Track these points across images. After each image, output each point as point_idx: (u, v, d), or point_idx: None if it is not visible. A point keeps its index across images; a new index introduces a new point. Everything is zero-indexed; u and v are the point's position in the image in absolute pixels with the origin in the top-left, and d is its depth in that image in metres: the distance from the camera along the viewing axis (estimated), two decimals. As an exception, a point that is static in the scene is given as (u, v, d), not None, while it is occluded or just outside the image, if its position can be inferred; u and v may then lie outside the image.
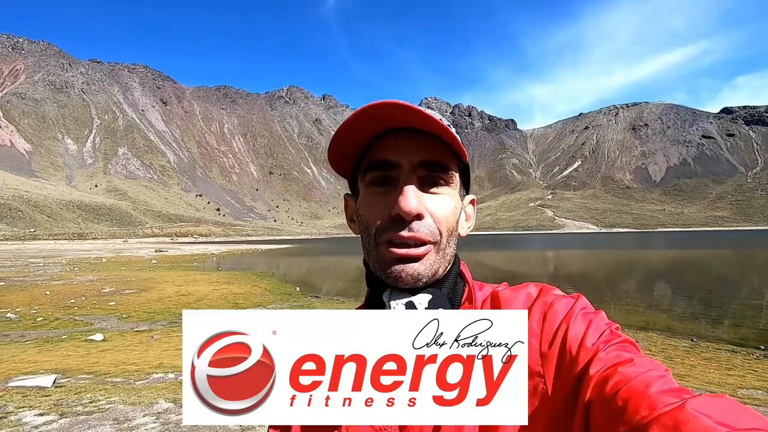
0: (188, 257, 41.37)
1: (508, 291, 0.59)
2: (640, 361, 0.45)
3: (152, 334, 8.67)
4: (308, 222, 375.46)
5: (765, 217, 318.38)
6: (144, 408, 4.11)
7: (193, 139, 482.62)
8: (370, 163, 0.56)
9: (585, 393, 0.45)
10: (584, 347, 0.48)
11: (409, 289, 0.54)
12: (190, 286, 16.95)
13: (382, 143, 0.56)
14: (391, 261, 0.53)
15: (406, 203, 0.51)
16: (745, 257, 35.02)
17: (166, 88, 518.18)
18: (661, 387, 0.41)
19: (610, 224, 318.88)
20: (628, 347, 0.49)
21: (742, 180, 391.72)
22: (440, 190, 0.56)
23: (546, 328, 0.52)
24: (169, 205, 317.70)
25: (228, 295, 14.66)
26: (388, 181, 0.55)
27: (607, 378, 0.44)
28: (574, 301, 0.55)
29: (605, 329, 0.51)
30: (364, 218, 0.57)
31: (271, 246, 78.18)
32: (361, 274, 8.59)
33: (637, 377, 0.42)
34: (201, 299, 13.62)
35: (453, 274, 0.59)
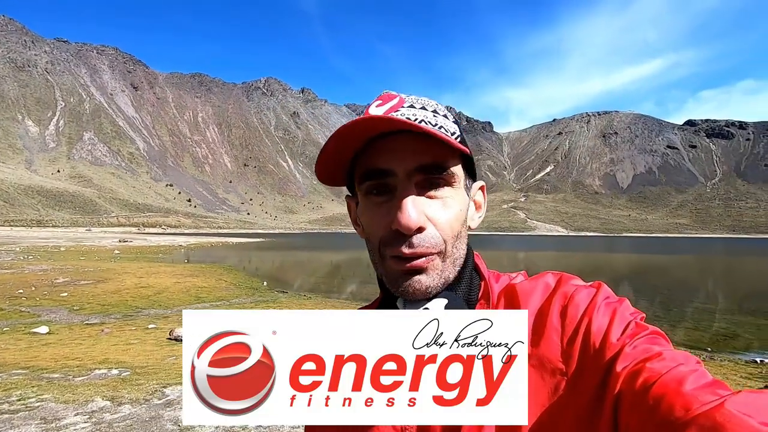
0: (154, 248, 39.94)
1: (526, 282, 0.57)
2: (669, 355, 0.42)
3: (103, 327, 8.21)
4: (282, 216, 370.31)
5: (721, 225, 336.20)
6: (77, 406, 3.85)
7: (165, 127, 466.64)
8: (363, 172, 0.53)
9: (612, 391, 0.43)
10: (609, 342, 0.46)
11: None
12: (151, 278, 16.27)
13: (375, 148, 0.52)
14: (399, 275, 0.51)
15: (405, 219, 0.49)
16: (702, 263, 36.76)
17: (137, 72, 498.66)
18: (695, 383, 0.38)
19: (578, 228, 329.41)
20: (657, 339, 0.46)
21: (702, 190, 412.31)
22: (442, 193, 0.52)
23: (567, 323, 0.49)
24: (137, 194, 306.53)
25: (191, 288, 14.15)
26: (386, 189, 0.52)
27: (636, 374, 0.41)
28: (596, 290, 0.52)
29: (631, 320, 0.48)
30: (366, 229, 0.56)
31: (243, 239, 76.63)
32: (333, 270, 8.45)
33: (669, 373, 0.40)
34: (161, 292, 13.08)
35: (468, 271, 0.56)
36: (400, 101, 0.54)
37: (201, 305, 11.38)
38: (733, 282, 23.03)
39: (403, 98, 0.55)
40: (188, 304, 11.36)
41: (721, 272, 28.88)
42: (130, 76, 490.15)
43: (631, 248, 67.84)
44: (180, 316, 9.66)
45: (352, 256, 38.61)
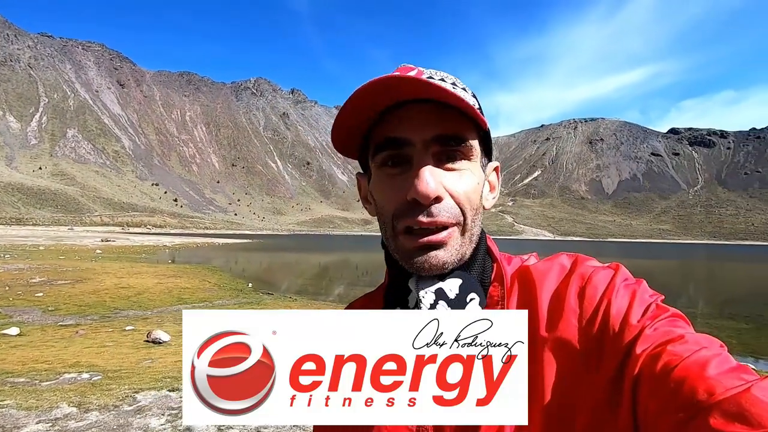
0: (137, 248, 39.16)
1: (540, 264, 0.56)
2: (692, 338, 0.41)
3: (78, 329, 7.93)
4: (270, 217, 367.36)
5: (703, 232, 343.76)
6: (41, 413, 3.63)
7: (152, 126, 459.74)
8: (379, 142, 0.51)
9: (631, 374, 0.42)
10: (629, 324, 0.44)
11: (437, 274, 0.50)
12: (132, 278, 15.89)
13: (391, 118, 0.51)
14: (413, 251, 0.49)
15: (423, 187, 0.47)
16: (684, 269, 37.43)
17: (123, 69, 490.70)
18: (719, 367, 0.37)
19: (564, 232, 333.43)
20: (678, 322, 0.45)
21: (684, 196, 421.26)
22: (459, 165, 0.51)
23: (585, 306, 0.48)
24: (122, 193, 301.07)
25: (173, 289, 13.84)
26: (401, 160, 0.51)
27: (656, 357, 0.40)
28: (614, 272, 0.51)
29: (651, 302, 0.47)
30: (379, 203, 0.53)
31: (229, 240, 75.70)
32: (320, 272, 8.21)
33: (691, 356, 0.38)
34: (142, 293, 12.76)
35: (481, 252, 0.55)
36: (419, 73, 0.52)
37: (182, 306, 11.11)
38: (713, 287, 23.46)
39: (421, 70, 0.53)
40: (169, 306, 11.10)
41: (702, 277, 29.43)
42: (117, 73, 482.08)
43: (616, 253, 68.83)
44: (159, 317, 9.42)
45: (340, 258, 38.37)
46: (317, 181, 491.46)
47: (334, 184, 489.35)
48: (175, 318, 9.35)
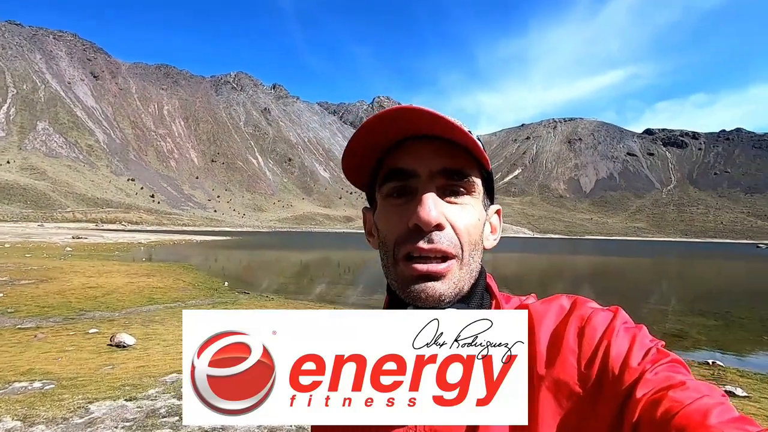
0: (110, 246, 37.94)
1: (539, 304, 0.55)
2: (693, 385, 0.41)
3: (37, 332, 7.52)
4: (251, 214, 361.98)
5: (675, 230, 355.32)
6: (-20, 428, 3.35)
7: (128, 119, 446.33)
8: (386, 172, 0.53)
9: (631, 418, 0.41)
10: (629, 366, 0.44)
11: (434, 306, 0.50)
12: (102, 277, 15.31)
13: (399, 151, 0.53)
14: (412, 279, 0.50)
15: (425, 212, 0.48)
16: (657, 266, 38.50)
17: (98, 60, 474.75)
18: (720, 417, 0.36)
19: (543, 230, 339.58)
20: (679, 368, 0.44)
21: (658, 195, 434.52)
22: (461, 200, 0.52)
23: (584, 345, 0.48)
24: (96, 189, 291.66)
25: (144, 288, 13.37)
26: (406, 192, 0.52)
27: (656, 403, 0.40)
28: (613, 314, 0.51)
29: (651, 347, 0.46)
30: (382, 232, 0.54)
31: (208, 237, 74.19)
32: (301, 270, 7.87)
33: (693, 404, 0.38)
34: (111, 293, 12.28)
35: (480, 288, 0.55)
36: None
37: (153, 307, 10.73)
38: (684, 284, 24.15)
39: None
40: (139, 306, 10.69)
41: (674, 275, 30.30)
42: (90, 65, 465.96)
43: (593, 250, 70.43)
44: (127, 319, 9.05)
45: (321, 255, 38.01)
46: (299, 178, 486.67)
47: (316, 181, 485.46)
48: (143, 320, 9.00)
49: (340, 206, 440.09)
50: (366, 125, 0.50)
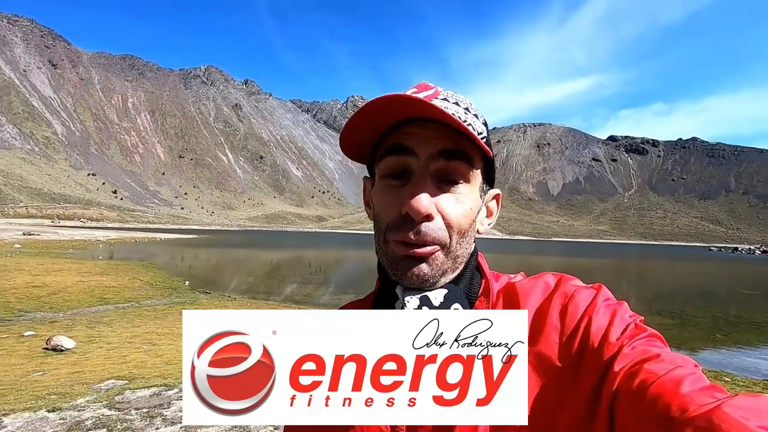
0: (64, 243, 35.85)
1: (525, 281, 0.58)
2: (668, 357, 0.43)
3: (-35, 335, 6.84)
4: (220, 212, 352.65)
5: (635, 233, 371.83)
6: None
7: (89, 111, 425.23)
8: (387, 147, 0.54)
9: (609, 390, 0.43)
10: (608, 342, 0.46)
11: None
12: (50, 276, 14.32)
13: (402, 129, 0.53)
14: (399, 258, 0.52)
15: (416, 203, 0.49)
16: (619, 267, 39.95)
17: (57, 48, 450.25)
18: (692, 385, 0.38)
19: (513, 232, 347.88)
20: (655, 342, 0.47)
21: (620, 200, 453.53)
22: (456, 189, 0.53)
23: (567, 322, 0.50)
24: (53, 183, 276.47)
25: (95, 288, 12.57)
26: (403, 174, 0.53)
27: (633, 375, 0.42)
28: (596, 291, 0.53)
29: (630, 322, 0.49)
30: (376, 211, 0.56)
31: (174, 235, 71.58)
32: (271, 270, 7.34)
33: (667, 374, 0.40)
34: (57, 292, 11.46)
35: (470, 268, 0.57)
36: (436, 92, 0.55)
37: (102, 307, 10.06)
38: (643, 285, 25.10)
39: (438, 90, 0.55)
40: (87, 307, 10.00)
41: (633, 275, 31.49)
42: (48, 52, 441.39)
43: (559, 252, 72.51)
44: (71, 320, 8.40)
45: (292, 255, 37.29)
46: (270, 176, 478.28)
47: (288, 180, 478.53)
48: (90, 321, 8.38)
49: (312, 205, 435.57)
50: (369, 105, 0.50)
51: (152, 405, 3.78)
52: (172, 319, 9.04)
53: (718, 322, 12.45)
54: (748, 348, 9.48)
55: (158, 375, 4.68)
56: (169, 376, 4.63)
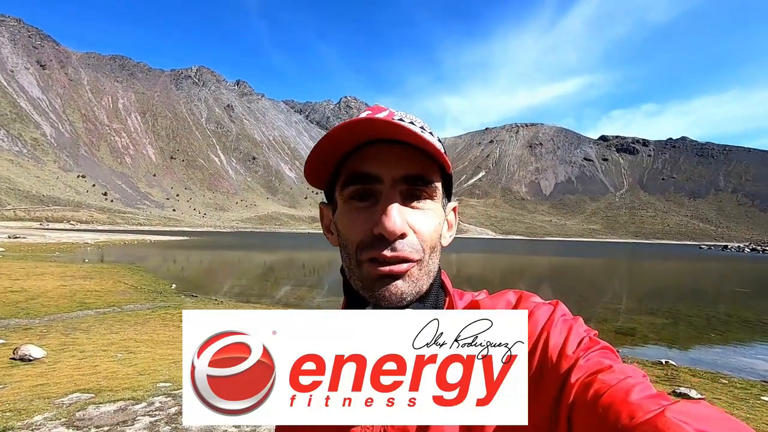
0: (51, 246, 35.16)
1: (488, 299, 0.59)
2: (619, 368, 0.45)
3: (-71, 344, 6.46)
4: (212, 214, 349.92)
5: (627, 231, 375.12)
6: None
7: (78, 112, 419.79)
8: (349, 175, 0.54)
9: (567, 400, 0.45)
10: (565, 355, 0.49)
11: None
12: (30, 280, 13.88)
13: (362, 154, 0.53)
14: (375, 279, 0.52)
15: (390, 223, 0.50)
16: (610, 266, 40.06)
17: (45, 49, 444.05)
18: (640, 394, 0.41)
19: (506, 231, 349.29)
20: (608, 354, 0.49)
21: (612, 199, 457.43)
22: (423, 205, 0.54)
23: (527, 337, 0.50)
24: (42, 185, 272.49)
25: (77, 292, 12.17)
26: (369, 196, 0.53)
27: (588, 385, 0.44)
28: (553, 308, 0.55)
29: (584, 336, 0.51)
30: (343, 234, 0.55)
31: (165, 237, 70.73)
32: (263, 272, 7.33)
33: (617, 384, 0.43)
34: (36, 297, 11.05)
35: (435, 286, 0.58)
36: (390, 114, 0.55)
37: (83, 312, 9.69)
38: (635, 283, 25.10)
39: (392, 112, 0.56)
40: (66, 312, 9.62)
41: (625, 274, 31.53)
42: (37, 53, 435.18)
43: (551, 251, 72.74)
44: (47, 327, 8.04)
45: (285, 256, 36.89)
46: (263, 177, 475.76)
47: (281, 181, 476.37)
48: (66, 327, 8.03)
49: (305, 206, 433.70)
50: (330, 134, 0.51)
51: (115, 422, 3.52)
52: (154, 324, 8.70)
53: (711, 320, 12.36)
54: (743, 347, 9.36)
55: (128, 387, 4.39)
56: (140, 389, 4.34)
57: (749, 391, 5.87)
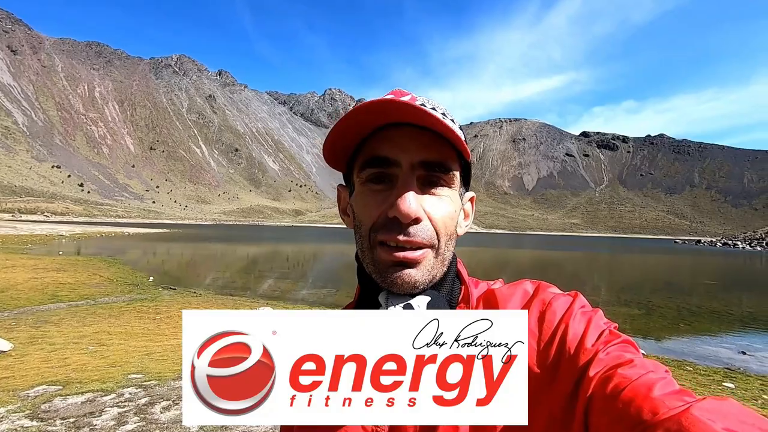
0: (23, 238, 34.06)
1: (504, 288, 0.58)
2: (640, 362, 0.44)
3: None
4: (194, 206, 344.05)
5: (606, 226, 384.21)
6: None
7: (52, 100, 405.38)
8: (367, 158, 0.53)
9: (585, 394, 0.44)
10: (584, 348, 0.47)
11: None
12: (0, 272, 13.43)
13: (382, 137, 0.53)
14: (388, 265, 0.51)
15: (405, 206, 0.49)
16: (590, 259, 40.98)
17: (16, 33, 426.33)
18: (663, 389, 0.40)
19: (489, 225, 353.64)
20: (628, 348, 0.48)
21: (592, 194, 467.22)
22: (440, 192, 0.53)
23: (544, 328, 0.51)
24: (14, 175, 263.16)
25: (49, 285, 11.84)
26: (386, 179, 0.53)
27: (607, 379, 0.43)
28: (572, 299, 0.54)
29: (605, 329, 0.50)
30: (358, 216, 0.55)
31: (144, 230, 69.26)
32: (245, 265, 7.32)
33: (639, 379, 0.42)
34: (5, 290, 10.70)
35: (451, 274, 0.57)
36: (412, 99, 0.55)
37: (54, 305, 9.44)
38: (612, 276, 25.76)
39: (415, 97, 0.55)
40: (36, 305, 9.36)
41: (604, 267, 32.33)
42: (7, 37, 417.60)
43: (534, 245, 73.96)
44: (15, 320, 7.81)
45: (268, 249, 36.57)
46: (246, 169, 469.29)
47: (264, 173, 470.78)
48: (36, 320, 7.82)
49: (289, 199, 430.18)
50: (350, 114, 0.50)
51: (82, 413, 3.44)
52: (128, 317, 8.54)
53: (682, 311, 12.79)
54: (709, 336, 9.72)
55: (98, 379, 4.31)
56: (110, 380, 4.26)
57: (711, 378, 6.12)
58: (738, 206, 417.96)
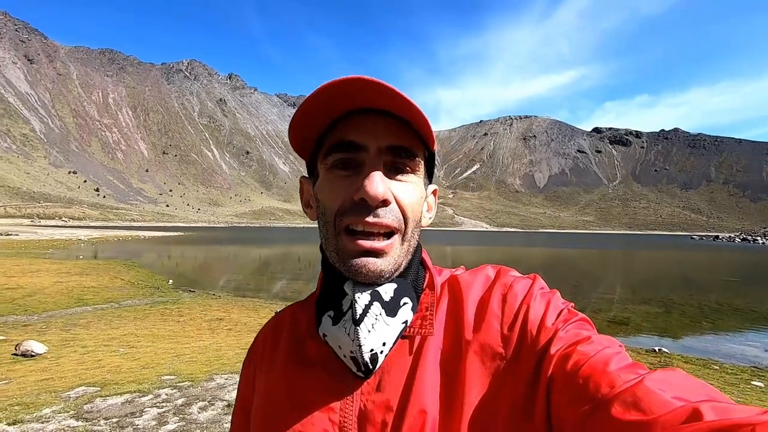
0: (44, 243, 34.89)
1: (467, 274, 0.59)
2: (597, 339, 0.47)
3: (-71, 342, 6.46)
4: (206, 209, 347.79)
5: (620, 223, 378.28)
6: None
7: (68, 107, 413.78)
8: (333, 143, 0.52)
9: (546, 372, 0.46)
10: (545, 327, 0.49)
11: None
12: (26, 277, 13.82)
13: (348, 123, 0.52)
14: (353, 254, 0.50)
15: (373, 188, 0.48)
16: (604, 257, 40.45)
17: (32, 43, 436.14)
18: (618, 364, 0.43)
19: (500, 224, 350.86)
20: (585, 325, 0.51)
21: (605, 191, 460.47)
22: (406, 178, 0.53)
23: (507, 310, 0.52)
24: (32, 182, 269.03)
25: (74, 288, 12.14)
26: (353, 165, 0.51)
27: (567, 356, 0.45)
28: (532, 281, 0.56)
29: (563, 308, 0.52)
30: (323, 202, 0.53)
31: (158, 233, 70.38)
32: (259, 266, 7.28)
33: (596, 355, 0.44)
34: (33, 294, 11.02)
35: (416, 262, 0.58)
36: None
37: (80, 309, 9.69)
38: (628, 273, 25.40)
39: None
40: (64, 309, 9.62)
41: (619, 264, 31.87)
42: (24, 47, 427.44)
43: (546, 243, 73.23)
44: (46, 323, 8.06)
45: (280, 250, 36.86)
46: (257, 172, 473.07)
47: (275, 175, 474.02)
48: (65, 323, 8.04)
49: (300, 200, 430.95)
50: (314, 95, 0.49)
51: (123, 414, 3.56)
52: (153, 319, 8.73)
53: (703, 309, 12.59)
54: (733, 334, 9.56)
55: (133, 380, 4.44)
56: (145, 381, 4.39)
57: (739, 377, 6.03)
58: (757, 201, 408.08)
